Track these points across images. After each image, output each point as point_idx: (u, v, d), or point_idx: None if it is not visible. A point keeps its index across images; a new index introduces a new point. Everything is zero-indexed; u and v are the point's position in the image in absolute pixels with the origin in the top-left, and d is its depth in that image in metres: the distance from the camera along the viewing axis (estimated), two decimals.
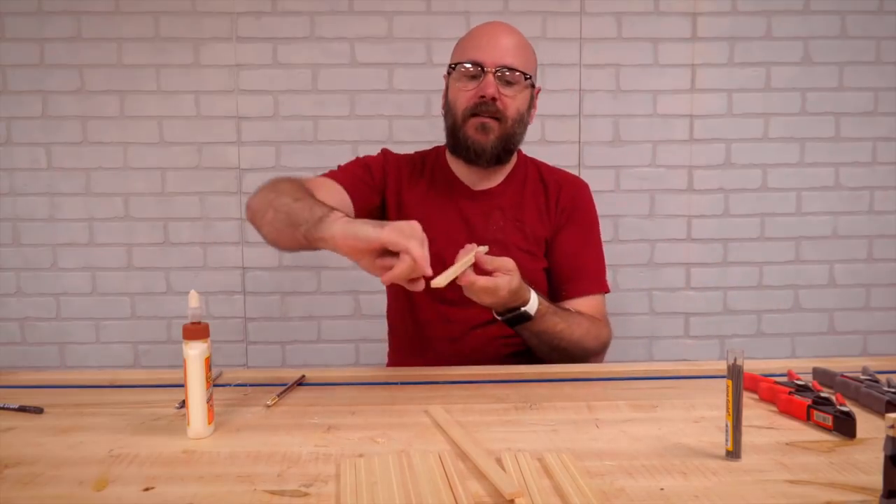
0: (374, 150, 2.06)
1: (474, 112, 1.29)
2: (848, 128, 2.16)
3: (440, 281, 0.98)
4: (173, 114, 2.09)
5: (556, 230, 1.38)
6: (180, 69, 2.08)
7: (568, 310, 1.28)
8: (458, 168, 1.40)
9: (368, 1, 2.08)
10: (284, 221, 1.06)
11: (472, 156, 1.32)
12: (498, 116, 1.29)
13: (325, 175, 1.37)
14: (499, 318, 1.18)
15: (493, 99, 1.28)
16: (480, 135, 1.29)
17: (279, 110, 2.10)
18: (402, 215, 1.36)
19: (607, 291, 1.40)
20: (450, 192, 1.39)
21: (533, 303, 1.17)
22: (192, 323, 0.90)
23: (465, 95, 1.30)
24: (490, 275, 1.08)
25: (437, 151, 1.45)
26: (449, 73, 1.36)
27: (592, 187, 1.48)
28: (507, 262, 1.10)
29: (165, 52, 2.07)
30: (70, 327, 2.13)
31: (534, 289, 1.19)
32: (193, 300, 0.90)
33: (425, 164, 1.43)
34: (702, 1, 2.11)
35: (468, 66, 1.30)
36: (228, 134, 2.10)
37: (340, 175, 1.36)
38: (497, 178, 1.39)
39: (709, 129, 2.15)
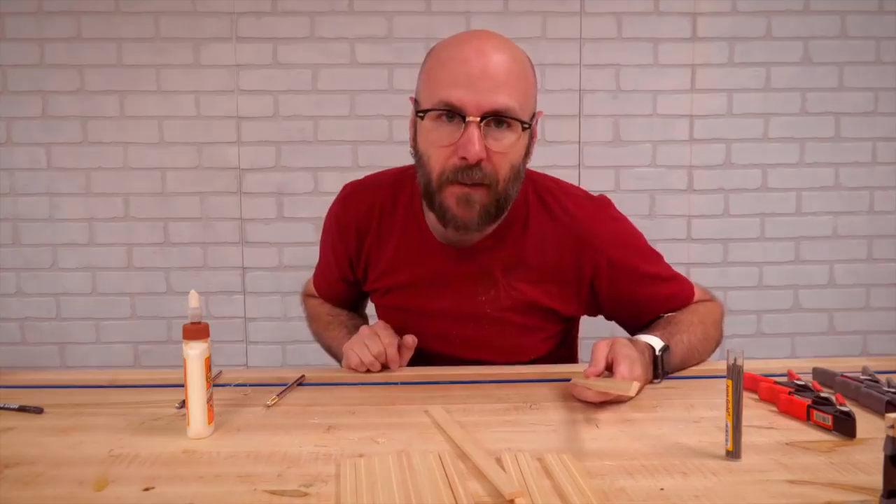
0: (373, 151, 2.09)
1: (453, 178, 0.98)
2: (848, 128, 2.16)
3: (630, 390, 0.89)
4: (173, 114, 2.09)
5: (600, 293, 1.13)
6: (180, 69, 2.08)
7: (670, 320, 1.12)
8: (434, 221, 1.08)
9: (368, 1, 2.08)
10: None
11: (453, 228, 1.04)
12: (486, 182, 0.98)
13: (313, 281, 1.37)
14: (658, 380, 1.03)
15: (478, 161, 0.96)
16: (463, 209, 1.00)
17: (279, 110, 2.10)
18: (376, 273, 1.18)
19: (691, 285, 1.19)
20: (427, 252, 1.12)
21: (656, 345, 1.02)
22: (192, 323, 0.90)
23: (440, 153, 0.99)
24: (613, 367, 0.94)
25: (412, 187, 1.13)
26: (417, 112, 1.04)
27: (593, 187, 1.37)
28: (605, 352, 0.95)
29: (165, 52, 2.07)
30: (70, 327, 2.13)
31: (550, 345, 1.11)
32: (193, 300, 0.90)
33: (396, 206, 1.14)
34: (702, 1, 2.11)
35: (442, 112, 0.98)
36: (228, 134, 2.10)
37: (325, 287, 1.33)
38: (486, 228, 1.08)
39: (709, 129, 2.15)
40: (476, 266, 1.10)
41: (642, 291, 1.13)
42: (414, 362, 1.15)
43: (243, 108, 2.10)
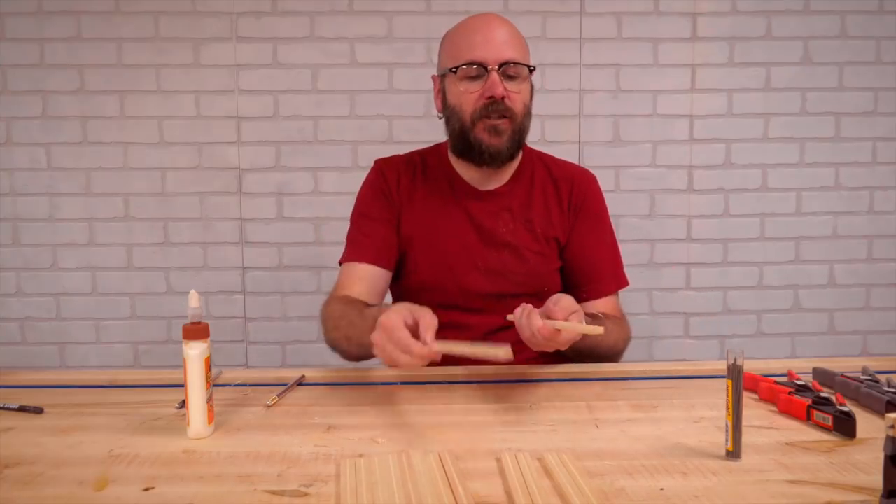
0: (373, 151, 2.09)
1: (483, 114, 1.25)
2: (848, 128, 2.16)
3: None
4: (173, 114, 2.09)
5: (570, 230, 1.36)
6: (180, 69, 2.08)
7: (597, 316, 1.25)
8: (462, 168, 1.35)
9: (368, 1, 2.08)
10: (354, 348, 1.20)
11: (487, 159, 1.28)
12: (508, 115, 1.26)
13: (348, 259, 1.33)
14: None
15: (502, 97, 1.24)
16: (493, 138, 1.26)
17: (279, 110, 2.10)
18: (409, 225, 1.34)
19: (627, 285, 1.38)
20: (455, 194, 1.35)
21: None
22: (192, 323, 0.90)
23: (470, 98, 1.26)
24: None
25: (438, 151, 1.40)
26: (443, 76, 1.32)
27: None
28: (567, 304, 1.03)
29: (165, 52, 2.07)
30: (70, 327, 2.13)
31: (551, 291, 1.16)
32: (193, 300, 0.90)
33: (427, 166, 1.38)
34: (702, 1, 2.11)
35: (469, 66, 1.25)
36: (228, 134, 2.10)
37: (367, 251, 1.31)
38: (503, 177, 1.35)
39: (709, 129, 2.15)
40: (497, 204, 1.34)
41: (593, 252, 1.35)
42: (447, 300, 1.28)
43: (243, 108, 2.10)
